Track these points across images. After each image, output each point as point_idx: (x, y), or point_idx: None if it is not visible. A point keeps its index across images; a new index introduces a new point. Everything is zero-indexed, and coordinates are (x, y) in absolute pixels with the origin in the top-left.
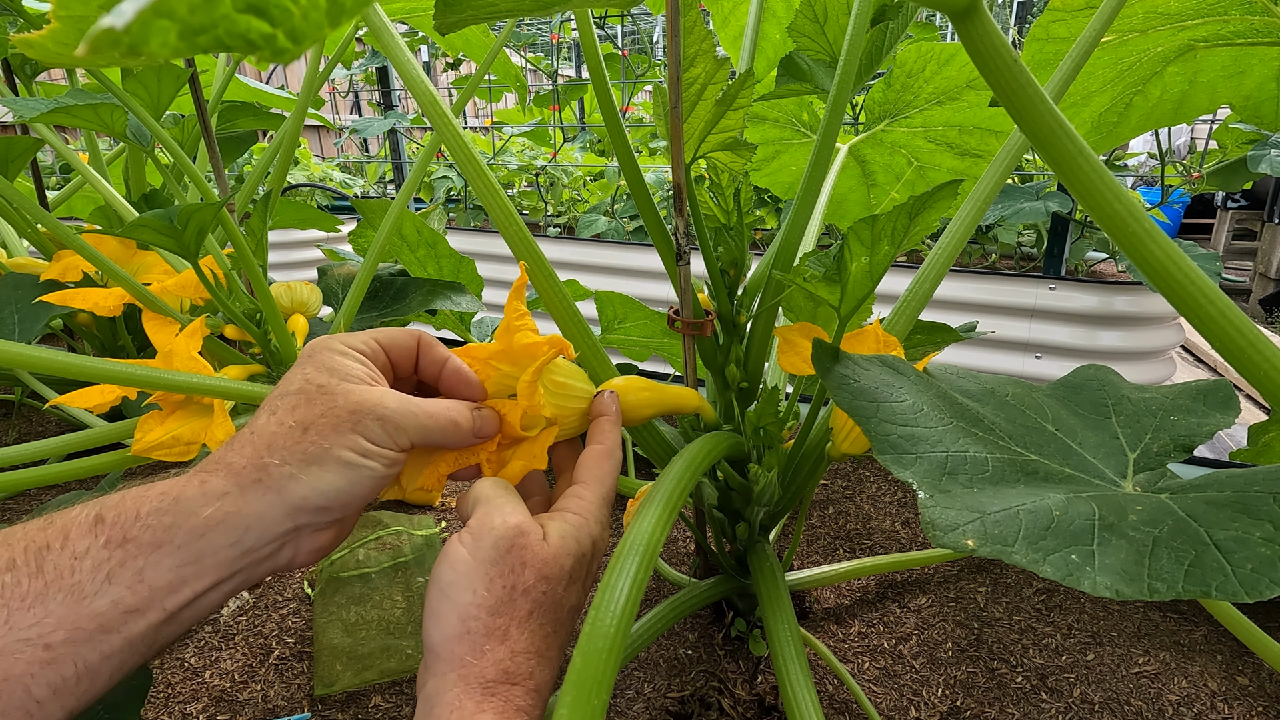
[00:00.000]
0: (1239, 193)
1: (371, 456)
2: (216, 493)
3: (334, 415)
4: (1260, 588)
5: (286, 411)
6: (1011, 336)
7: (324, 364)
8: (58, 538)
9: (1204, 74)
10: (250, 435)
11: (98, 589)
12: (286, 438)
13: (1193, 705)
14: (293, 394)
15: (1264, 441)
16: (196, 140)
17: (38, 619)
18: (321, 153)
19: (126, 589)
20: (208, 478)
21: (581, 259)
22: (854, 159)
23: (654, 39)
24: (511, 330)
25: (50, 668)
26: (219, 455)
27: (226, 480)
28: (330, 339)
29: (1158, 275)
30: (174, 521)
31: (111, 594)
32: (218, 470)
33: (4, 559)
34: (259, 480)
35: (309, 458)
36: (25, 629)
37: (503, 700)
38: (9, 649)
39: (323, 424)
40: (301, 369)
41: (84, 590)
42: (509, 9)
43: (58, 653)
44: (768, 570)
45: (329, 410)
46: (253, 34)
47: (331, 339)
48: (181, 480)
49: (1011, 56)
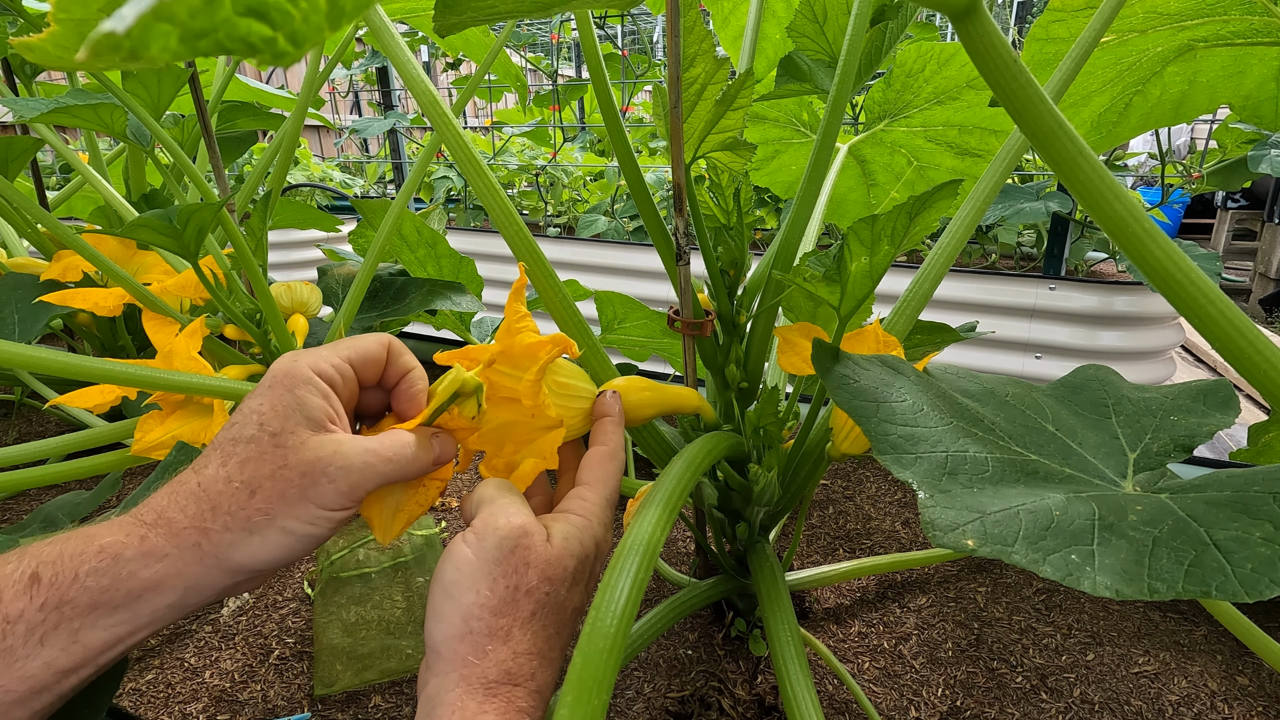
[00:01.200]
0: (1239, 193)
1: (318, 523)
2: (156, 554)
3: (284, 478)
4: (1260, 588)
5: (236, 466)
6: (1011, 336)
7: (281, 403)
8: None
9: (1203, 74)
10: (196, 488)
11: (30, 652)
12: (232, 500)
13: (1193, 705)
14: (244, 443)
15: (1264, 441)
16: (196, 140)
17: None
18: (321, 153)
19: (60, 650)
20: (148, 534)
21: (581, 259)
22: (854, 159)
23: (654, 39)
24: (513, 331)
25: None
26: (161, 505)
27: (166, 540)
28: (298, 363)
29: (1158, 275)
30: (112, 583)
31: (44, 656)
32: (158, 527)
33: None
34: (198, 544)
35: (252, 527)
36: None
37: (505, 701)
38: None
39: (270, 488)
40: (258, 404)
41: (15, 654)
42: (509, 10)
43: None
44: (768, 570)
45: (279, 470)
46: (253, 37)
47: (299, 363)
48: (120, 534)
49: (1011, 56)
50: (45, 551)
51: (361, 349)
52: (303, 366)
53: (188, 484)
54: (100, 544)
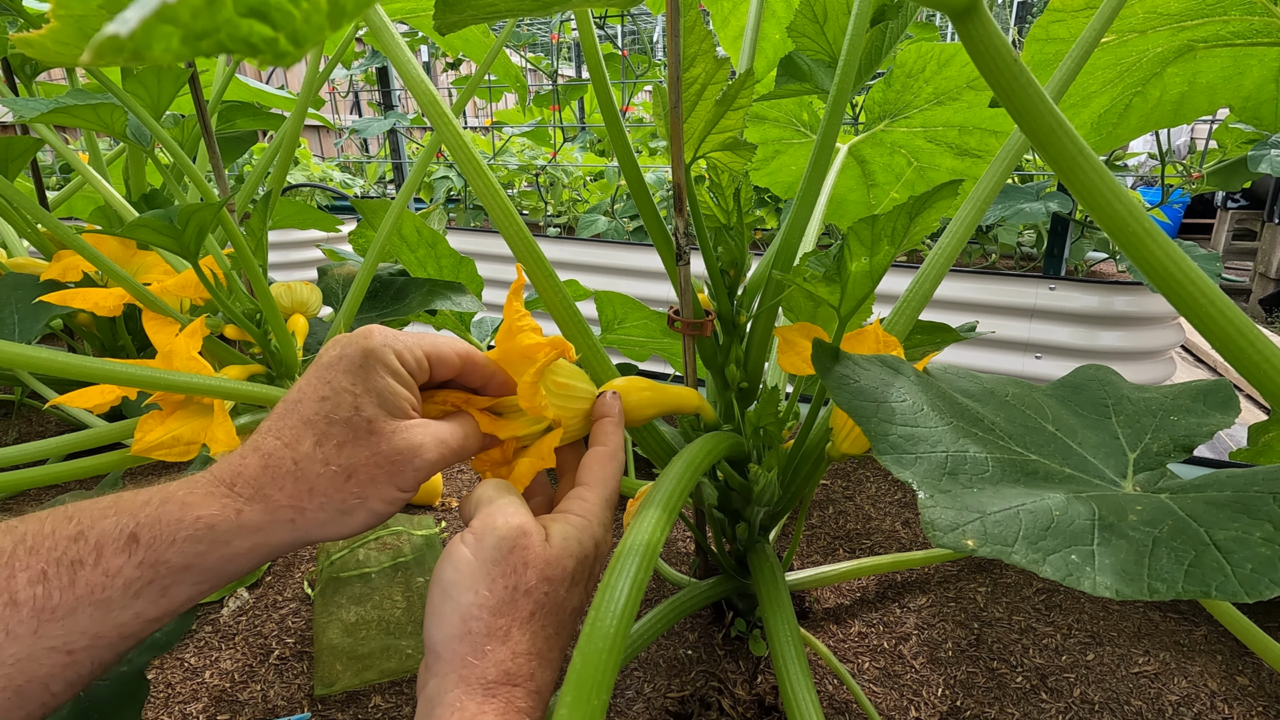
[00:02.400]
0: (1239, 193)
1: (395, 503)
2: (251, 528)
3: (376, 464)
4: (1260, 588)
5: (334, 449)
6: (1011, 336)
7: (376, 388)
8: (90, 553)
9: (1203, 75)
10: (293, 467)
11: (125, 604)
12: (329, 484)
13: (1193, 705)
14: (342, 424)
15: (1264, 441)
16: (196, 140)
17: (65, 630)
18: (321, 153)
19: (150, 603)
20: (244, 509)
21: (581, 259)
22: (854, 159)
23: (654, 39)
24: (513, 333)
25: (70, 669)
26: (257, 479)
27: (262, 516)
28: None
29: (1158, 275)
30: (207, 550)
31: (136, 607)
32: (255, 502)
33: (35, 569)
34: (292, 520)
35: (346, 509)
36: (52, 638)
37: (504, 701)
38: (36, 655)
39: (364, 474)
40: (351, 383)
41: (113, 605)
42: (509, 9)
43: (79, 656)
44: (768, 570)
45: (374, 456)
46: (255, 38)
47: (386, 347)
48: (216, 505)
49: (1012, 56)
50: (142, 512)
51: (440, 353)
52: (390, 354)
53: (283, 461)
54: (197, 514)
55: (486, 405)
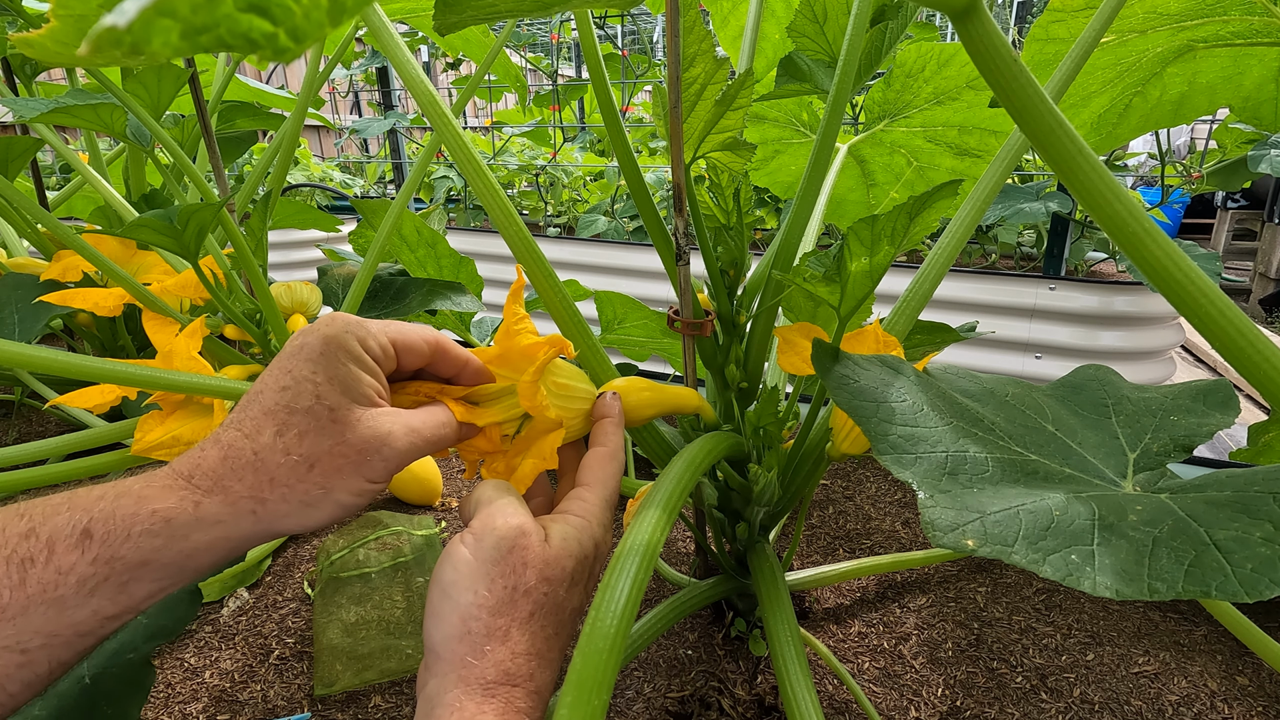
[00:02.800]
0: (1239, 193)
1: (364, 495)
2: (210, 519)
3: (340, 454)
4: (1260, 588)
5: (294, 438)
6: (1011, 336)
7: (338, 375)
8: (42, 550)
9: (1203, 75)
10: (253, 457)
11: (80, 602)
12: (290, 473)
13: (1193, 705)
14: (302, 413)
15: (1264, 441)
16: (196, 140)
17: (18, 630)
18: (321, 153)
19: (108, 600)
20: (203, 501)
21: (581, 259)
22: (853, 159)
23: (654, 39)
24: (511, 334)
25: (25, 669)
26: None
27: (222, 508)
28: (347, 333)
29: (1158, 275)
30: (164, 544)
31: (92, 605)
32: (214, 494)
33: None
34: (253, 512)
35: (309, 500)
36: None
37: (503, 702)
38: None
39: (327, 464)
40: (312, 371)
41: (66, 603)
42: (509, 9)
43: (33, 656)
44: (768, 570)
45: (337, 446)
46: (255, 33)
47: (348, 334)
48: (173, 499)
49: (1011, 56)
50: (96, 506)
51: (408, 340)
52: (352, 340)
53: (242, 451)
54: (153, 508)
55: (462, 395)
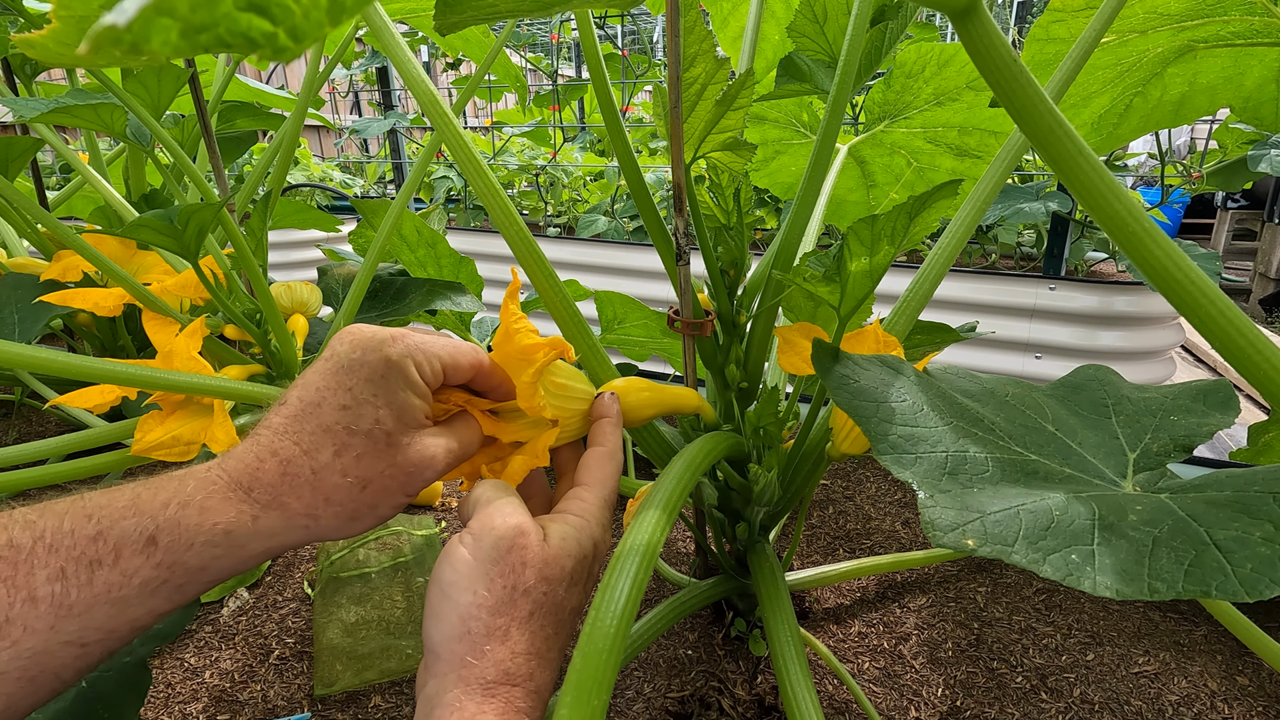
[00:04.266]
0: (1239, 193)
1: (400, 508)
2: (266, 533)
3: (390, 476)
4: (1260, 587)
5: (352, 460)
6: (1011, 336)
7: (396, 402)
8: (109, 554)
9: (1203, 75)
10: (311, 477)
11: (141, 601)
12: (345, 494)
13: (1193, 705)
14: (361, 436)
15: (1264, 441)
16: (196, 140)
17: (81, 626)
18: (321, 153)
19: (165, 600)
20: (261, 515)
21: (581, 259)
22: (853, 159)
23: (654, 39)
24: (510, 335)
25: (81, 659)
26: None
27: (278, 521)
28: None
29: (1158, 275)
30: (223, 554)
31: (150, 604)
32: (272, 509)
33: (54, 567)
34: (306, 527)
35: (357, 516)
36: (68, 634)
37: (503, 702)
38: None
39: (378, 485)
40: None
41: (129, 603)
42: (509, 9)
43: (91, 649)
44: (768, 570)
45: (389, 469)
46: (254, 32)
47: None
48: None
49: (1011, 56)
50: (162, 515)
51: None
52: (410, 366)
53: (301, 469)
54: (215, 520)
55: (488, 407)
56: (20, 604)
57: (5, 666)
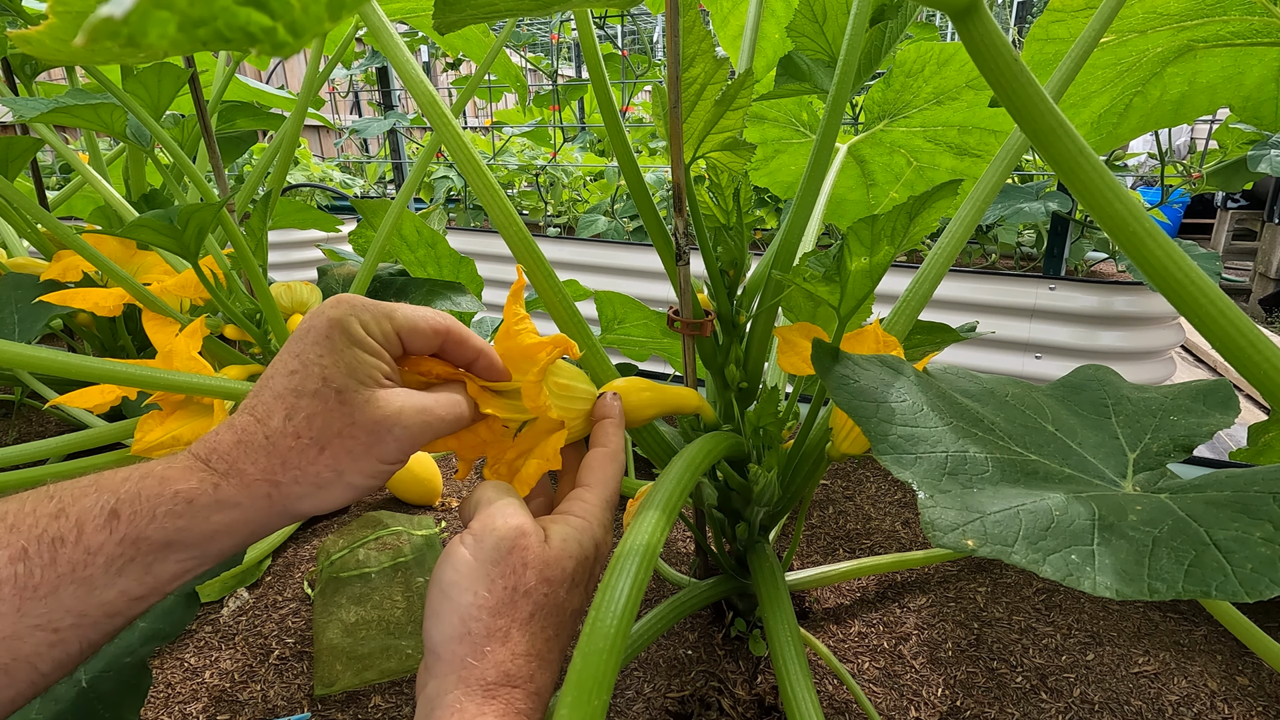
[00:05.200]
0: (1239, 193)
1: (377, 475)
2: (228, 502)
3: (351, 435)
4: (1260, 588)
5: (304, 421)
6: (1011, 336)
7: (344, 359)
8: (71, 530)
9: (1203, 75)
10: (265, 442)
11: (108, 581)
12: (301, 456)
13: (1193, 705)
14: (309, 396)
15: (1264, 441)
16: (196, 140)
17: (49, 608)
18: (321, 153)
19: (135, 581)
20: (220, 483)
21: (581, 259)
22: (853, 159)
23: (654, 39)
24: (512, 334)
25: (56, 648)
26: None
27: (238, 490)
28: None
29: (1158, 275)
30: (187, 525)
31: (120, 585)
32: (230, 477)
33: (16, 547)
34: (268, 495)
35: (321, 482)
36: (36, 617)
37: (503, 703)
38: (20, 634)
39: (338, 446)
40: (319, 354)
41: (95, 582)
42: (508, 9)
43: (65, 635)
44: (767, 570)
45: (347, 428)
46: (252, 26)
47: (352, 316)
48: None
49: (1012, 56)
50: (122, 488)
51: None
52: (354, 323)
53: (254, 435)
54: (175, 489)
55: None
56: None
57: None
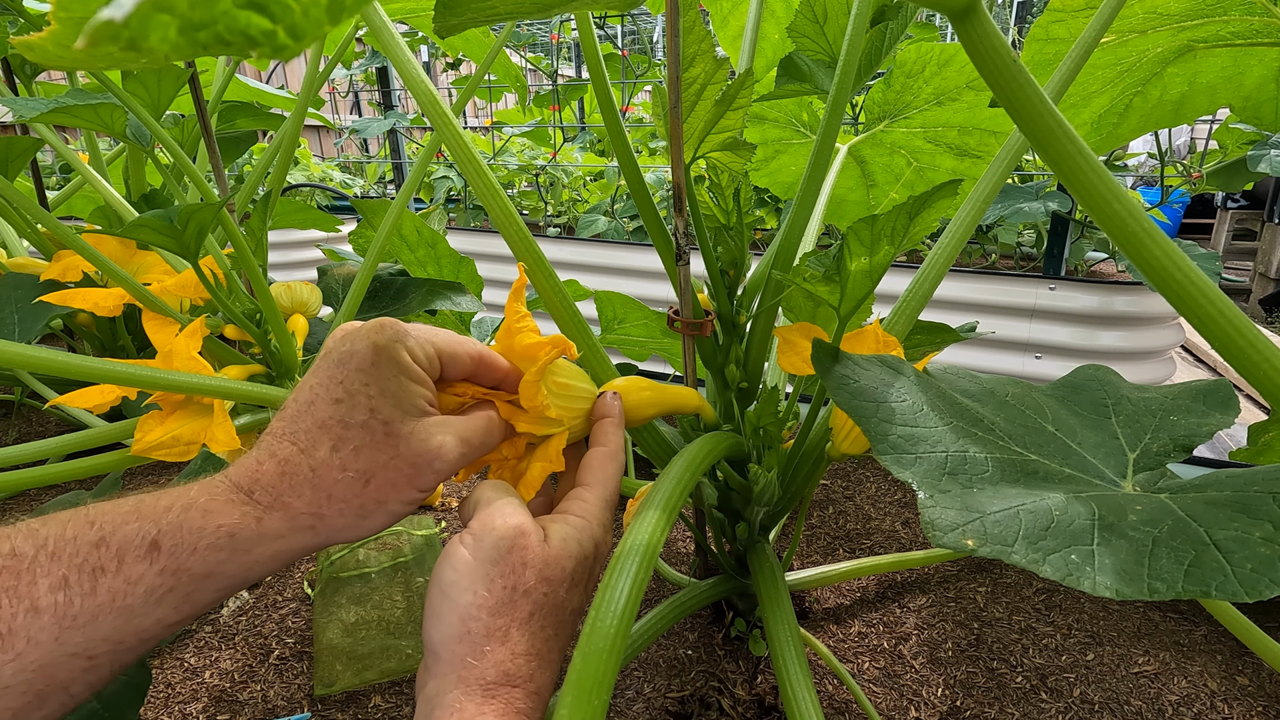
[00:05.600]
0: (1239, 193)
1: (414, 503)
2: (271, 534)
3: (395, 468)
4: (1260, 587)
5: (351, 454)
6: (1011, 336)
7: (390, 390)
8: (112, 560)
9: (1203, 75)
10: (311, 475)
11: (147, 611)
12: (347, 489)
13: (1193, 705)
14: (358, 427)
15: (1264, 441)
16: (196, 140)
17: (86, 637)
18: (321, 153)
19: (172, 609)
20: (264, 517)
21: (581, 259)
22: (853, 159)
23: (654, 39)
24: (512, 333)
25: (90, 673)
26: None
27: (283, 524)
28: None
29: (1157, 275)
30: (228, 557)
31: (158, 614)
32: (275, 510)
33: (56, 576)
34: (312, 528)
35: (364, 513)
36: (74, 645)
37: (503, 703)
38: (57, 661)
39: (383, 478)
40: (365, 384)
41: (134, 612)
42: (508, 11)
43: (99, 661)
44: (767, 570)
45: (392, 460)
46: (253, 30)
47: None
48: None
49: (1011, 57)
50: (164, 519)
51: (453, 352)
52: (401, 350)
53: (300, 468)
54: (218, 523)
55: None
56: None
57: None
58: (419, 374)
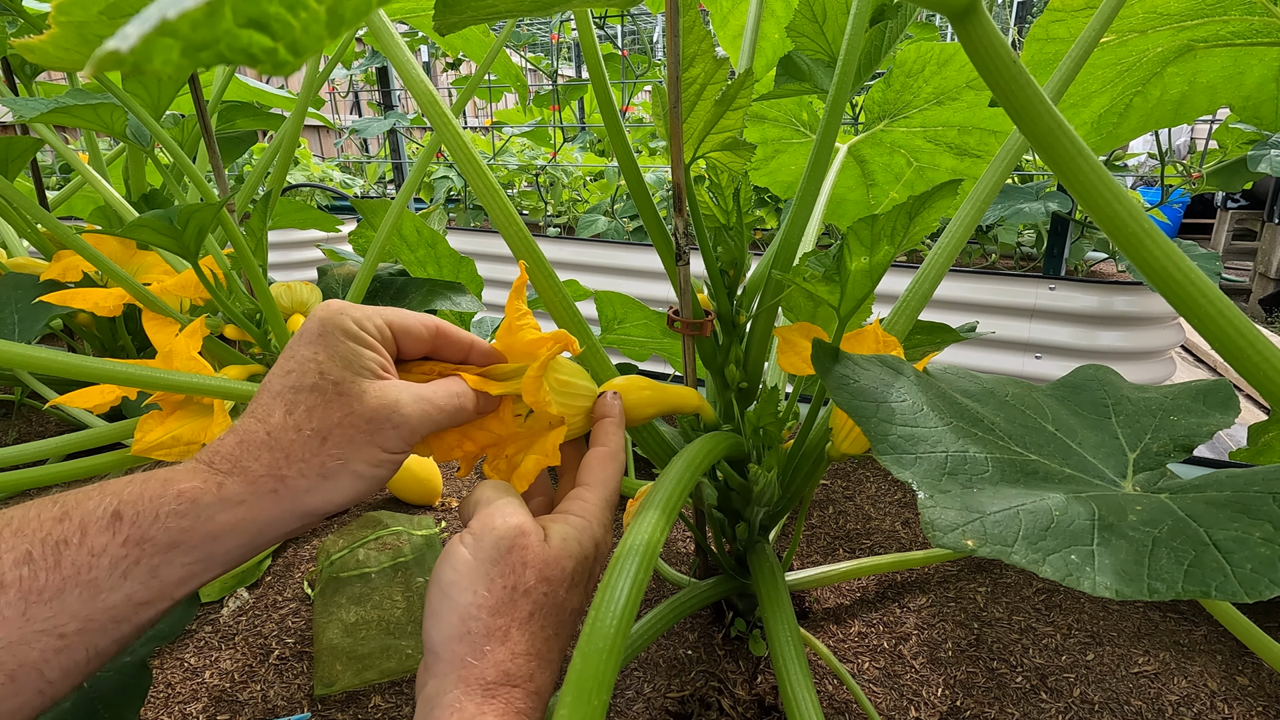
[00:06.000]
0: (1239, 193)
1: (383, 465)
2: (233, 499)
3: (352, 424)
4: (1260, 588)
5: (304, 414)
6: (1011, 336)
7: (338, 352)
8: (75, 532)
9: (1203, 74)
10: (266, 438)
11: (113, 585)
12: (304, 448)
13: (1193, 705)
14: (308, 390)
15: (1264, 441)
16: (196, 140)
17: (54, 612)
18: (321, 153)
19: (140, 584)
20: (224, 481)
21: (581, 259)
22: (853, 159)
23: (654, 39)
24: (514, 330)
25: (63, 654)
26: (233, 454)
27: (243, 487)
28: (341, 314)
29: (1157, 275)
30: (191, 525)
31: (126, 589)
32: (234, 475)
33: (20, 550)
34: (274, 490)
35: (326, 472)
36: (42, 621)
37: (503, 702)
38: (26, 639)
39: (340, 435)
40: (314, 351)
41: (100, 586)
42: (509, 9)
43: (70, 641)
44: (767, 570)
45: (347, 417)
46: (254, 48)
47: (343, 314)
48: (198, 480)
49: (1010, 57)
50: (125, 490)
51: (404, 323)
52: (346, 319)
53: (255, 433)
54: (179, 488)
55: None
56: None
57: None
58: (367, 340)
